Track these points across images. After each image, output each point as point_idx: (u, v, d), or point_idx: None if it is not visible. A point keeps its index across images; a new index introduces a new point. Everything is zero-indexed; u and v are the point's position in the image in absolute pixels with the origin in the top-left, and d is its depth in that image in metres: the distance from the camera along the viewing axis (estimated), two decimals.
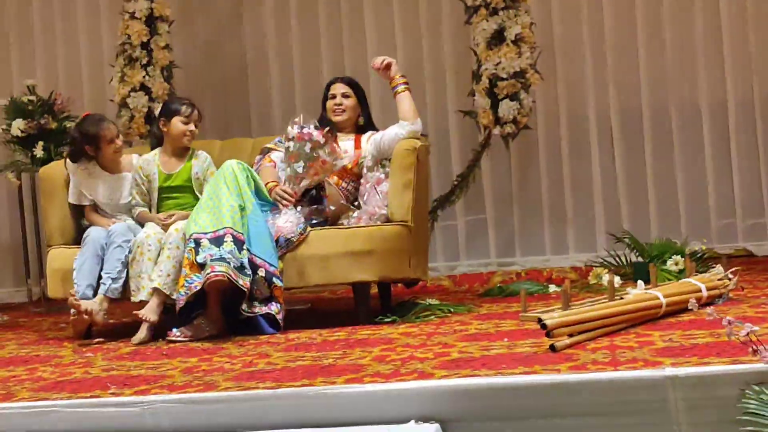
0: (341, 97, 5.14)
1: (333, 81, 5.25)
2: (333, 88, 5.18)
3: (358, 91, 5.20)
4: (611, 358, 3.28)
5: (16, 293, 6.98)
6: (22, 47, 7.00)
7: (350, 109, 5.15)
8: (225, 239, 4.46)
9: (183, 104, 5.01)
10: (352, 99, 5.16)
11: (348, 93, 5.16)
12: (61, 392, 3.45)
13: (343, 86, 5.18)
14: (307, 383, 3.27)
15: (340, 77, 5.32)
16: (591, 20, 6.47)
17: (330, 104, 5.16)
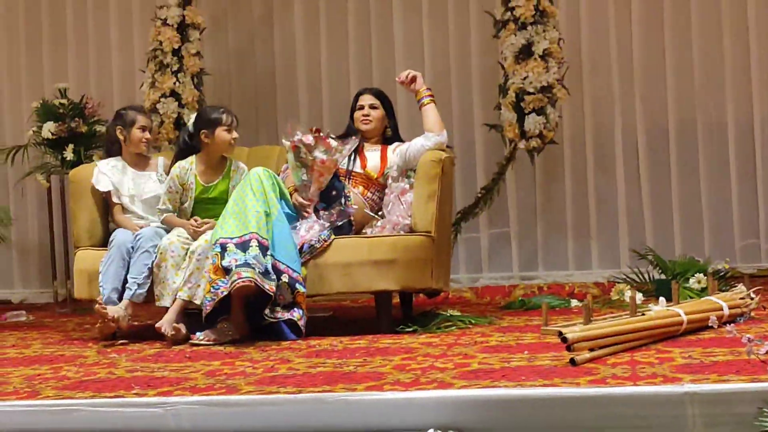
0: (369, 107, 5.21)
1: (361, 92, 5.32)
2: (361, 99, 5.25)
3: (386, 103, 5.27)
4: (631, 373, 3.29)
5: (41, 294, 7.07)
6: (54, 51, 7.09)
7: (377, 120, 5.21)
8: (251, 244, 4.50)
9: (222, 113, 5.00)
10: (379, 110, 5.22)
11: (375, 104, 5.23)
12: (85, 391, 3.49)
13: (371, 97, 5.25)
14: (327, 389, 3.30)
15: (369, 88, 5.39)
16: (619, 36, 6.48)
17: (358, 114, 5.22)
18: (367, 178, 5.04)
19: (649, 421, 2.96)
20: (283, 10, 6.90)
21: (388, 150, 5.15)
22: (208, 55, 6.64)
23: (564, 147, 6.50)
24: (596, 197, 6.51)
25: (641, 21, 6.47)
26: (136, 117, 5.20)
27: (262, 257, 4.49)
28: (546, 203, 6.57)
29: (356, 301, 6.10)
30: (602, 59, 6.50)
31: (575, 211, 6.54)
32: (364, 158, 5.11)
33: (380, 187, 5.07)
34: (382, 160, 5.10)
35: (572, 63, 6.27)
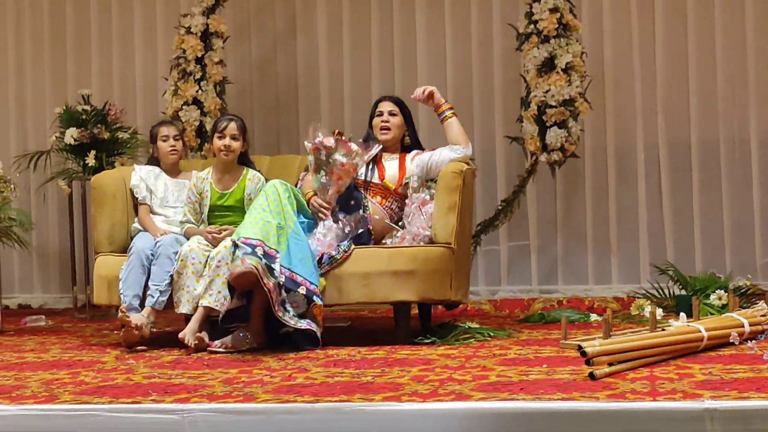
0: (388, 114, 5.19)
1: (381, 99, 5.30)
2: (380, 106, 5.23)
3: (405, 110, 5.25)
4: (650, 389, 3.27)
5: (61, 299, 7.10)
6: (78, 57, 7.13)
7: (396, 128, 5.18)
8: (256, 249, 4.48)
9: (218, 121, 5.10)
10: (398, 117, 5.20)
11: (395, 111, 5.20)
12: (103, 397, 3.50)
13: (390, 104, 5.22)
14: (345, 399, 3.29)
15: (388, 96, 5.37)
16: (642, 51, 6.46)
17: (377, 122, 5.20)
18: (385, 188, 5.03)
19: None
20: (307, 20, 6.91)
21: (407, 159, 5.14)
22: (230, 63, 6.66)
23: (585, 160, 6.48)
24: (617, 211, 6.49)
25: (664, 36, 6.45)
26: (159, 129, 5.33)
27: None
28: (566, 217, 6.55)
29: (374, 312, 6.09)
30: (625, 73, 6.48)
31: (595, 225, 6.51)
32: (382, 168, 5.10)
33: (399, 197, 5.06)
34: (400, 170, 5.09)
35: (595, 77, 6.26)
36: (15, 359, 4.58)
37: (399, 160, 5.14)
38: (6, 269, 6.73)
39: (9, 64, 7.23)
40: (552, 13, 5.99)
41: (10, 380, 3.95)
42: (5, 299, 6.33)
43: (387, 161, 5.13)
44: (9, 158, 6.60)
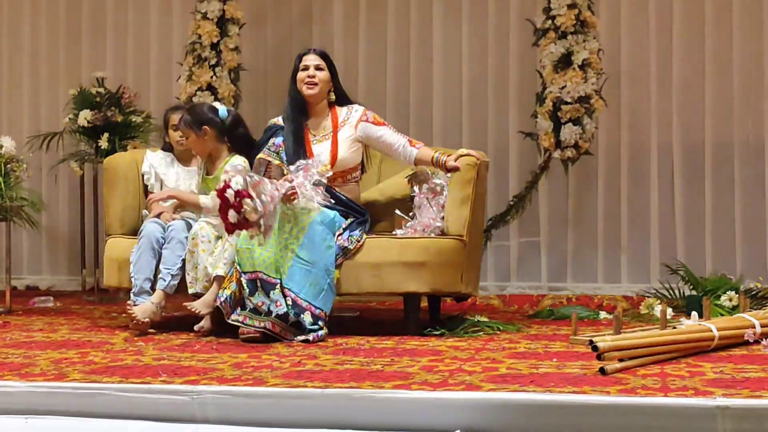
0: (314, 69, 4.90)
1: (305, 52, 4.99)
2: (305, 60, 4.93)
3: (330, 64, 4.98)
4: (661, 385, 3.26)
5: (69, 281, 7.10)
6: (94, 40, 7.13)
7: (323, 82, 4.91)
8: (257, 283, 4.47)
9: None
10: (324, 72, 4.93)
11: (321, 65, 4.93)
12: (112, 376, 3.50)
13: (316, 58, 4.94)
14: (355, 386, 3.29)
15: (313, 48, 5.05)
16: (659, 51, 6.44)
17: (302, 76, 4.91)
18: (340, 174, 4.88)
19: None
20: (323, 9, 6.90)
21: (340, 113, 4.95)
22: (245, 50, 6.65)
23: (599, 158, 6.46)
24: (629, 210, 6.46)
25: (681, 35, 6.42)
26: (170, 117, 5.28)
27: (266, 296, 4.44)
28: (578, 214, 6.53)
29: (383, 303, 6.08)
30: (641, 72, 6.46)
31: (607, 224, 6.49)
32: (312, 154, 4.84)
33: (350, 170, 4.93)
34: (333, 145, 4.88)
35: (611, 74, 6.24)
36: (24, 338, 4.58)
37: (331, 116, 4.94)
38: (15, 250, 6.72)
39: (24, 46, 7.23)
40: (570, 9, 5.97)
41: (19, 358, 3.95)
42: (13, 280, 6.33)
43: (317, 144, 4.91)
44: (22, 138, 6.59)
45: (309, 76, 4.90)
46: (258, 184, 4.37)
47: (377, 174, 5.44)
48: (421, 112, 6.70)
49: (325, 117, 4.97)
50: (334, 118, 4.97)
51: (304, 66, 4.93)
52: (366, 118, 4.97)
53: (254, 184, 4.36)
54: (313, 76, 4.90)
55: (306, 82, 4.91)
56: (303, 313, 4.45)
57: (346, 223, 4.76)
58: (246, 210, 4.31)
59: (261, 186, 4.38)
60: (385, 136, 4.93)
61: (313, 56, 4.95)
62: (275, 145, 4.90)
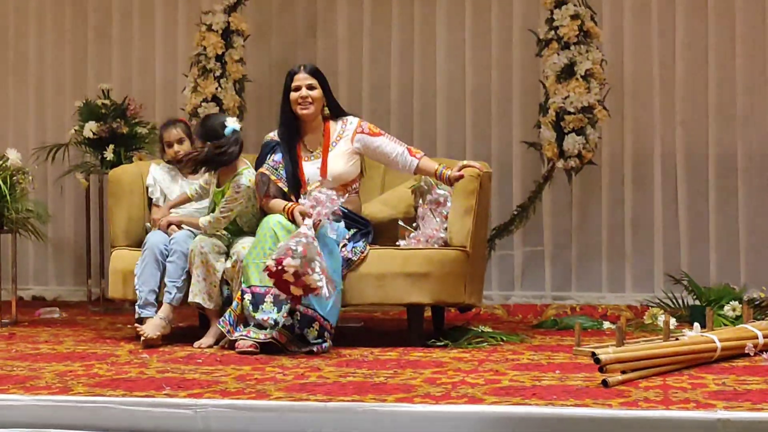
0: (306, 89, 4.89)
1: (296, 71, 4.95)
2: (296, 80, 4.91)
3: (322, 80, 4.95)
4: (663, 398, 3.27)
5: (75, 292, 7.11)
6: (99, 51, 7.15)
7: (317, 101, 4.90)
8: (266, 299, 4.50)
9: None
10: (317, 90, 4.91)
11: (313, 84, 4.90)
12: (116, 390, 3.52)
13: (307, 77, 4.91)
14: (357, 399, 3.30)
15: (303, 65, 5.00)
16: (662, 60, 6.44)
17: (294, 96, 4.90)
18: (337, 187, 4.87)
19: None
20: (327, 20, 6.92)
21: (333, 129, 4.96)
22: (250, 62, 6.66)
23: (602, 168, 6.46)
24: (632, 220, 6.47)
25: (684, 45, 6.43)
26: (163, 134, 5.28)
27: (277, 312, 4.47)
28: (581, 224, 6.53)
29: (387, 313, 6.10)
30: (644, 82, 6.47)
31: (610, 233, 6.49)
32: (303, 175, 4.86)
33: (349, 183, 4.94)
34: (323, 165, 4.88)
35: (614, 84, 6.25)
36: (29, 350, 4.60)
37: (322, 150, 4.92)
38: (21, 261, 6.74)
39: (30, 57, 7.25)
40: (573, 19, 5.99)
41: (24, 370, 3.97)
42: (19, 291, 6.35)
43: (308, 162, 4.92)
44: (27, 150, 6.61)
45: (302, 98, 4.89)
46: (306, 249, 4.32)
47: (380, 185, 5.46)
48: (425, 123, 6.72)
49: (319, 133, 4.98)
50: (326, 134, 4.97)
51: (295, 86, 4.91)
52: (362, 130, 4.98)
53: (303, 251, 4.30)
54: (306, 96, 4.89)
55: (300, 103, 4.90)
56: (310, 325, 4.46)
57: (349, 234, 4.77)
58: (310, 284, 4.32)
59: (309, 250, 4.33)
60: (383, 146, 4.95)
61: (304, 75, 4.92)
62: (274, 161, 4.91)
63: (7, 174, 5.59)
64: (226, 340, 4.62)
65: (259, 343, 4.43)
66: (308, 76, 4.93)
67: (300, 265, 4.26)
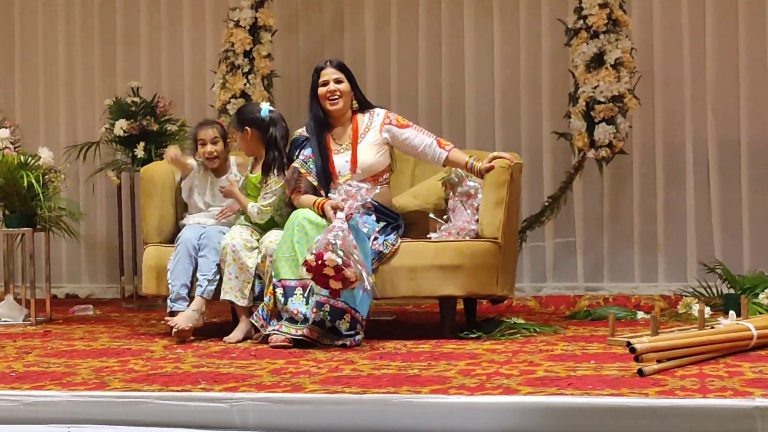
0: (334, 83, 4.90)
1: (322, 66, 4.97)
2: (323, 75, 4.92)
3: (349, 74, 4.97)
4: (700, 386, 3.25)
5: (107, 289, 7.16)
6: (128, 50, 7.19)
7: (345, 95, 4.92)
8: (295, 291, 4.51)
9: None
10: (345, 84, 4.93)
11: (340, 78, 4.92)
12: (153, 384, 3.53)
13: (334, 71, 4.92)
14: (392, 391, 3.30)
15: (329, 60, 5.02)
16: (692, 48, 6.40)
17: (323, 92, 4.91)
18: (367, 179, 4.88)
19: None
20: (354, 15, 6.92)
21: (361, 121, 4.96)
22: (278, 57, 6.68)
23: (633, 157, 6.43)
24: (664, 209, 6.43)
25: (715, 32, 6.38)
26: (197, 132, 5.25)
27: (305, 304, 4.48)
28: (613, 213, 6.50)
29: (419, 306, 6.09)
30: (674, 69, 6.42)
31: (643, 223, 6.46)
32: (333, 168, 4.87)
33: (379, 174, 4.94)
34: (353, 156, 4.89)
35: (644, 73, 6.21)
36: (65, 347, 4.63)
37: (351, 142, 4.93)
38: (54, 259, 6.79)
39: (59, 56, 7.31)
40: (602, 8, 5.95)
41: (60, 367, 4.00)
42: (53, 289, 6.40)
43: (338, 154, 4.92)
44: (59, 149, 6.67)
45: (330, 92, 4.91)
46: (344, 241, 4.34)
47: (411, 178, 5.46)
48: (454, 115, 6.71)
49: (348, 126, 4.99)
50: (354, 127, 4.98)
51: (323, 81, 4.93)
52: (389, 121, 4.98)
53: (342, 245, 4.32)
54: (334, 91, 4.91)
55: (329, 98, 4.92)
56: (341, 318, 4.47)
57: (379, 227, 4.77)
58: (350, 278, 4.33)
59: (347, 243, 4.34)
60: (411, 137, 4.95)
61: (331, 69, 4.94)
62: (304, 156, 4.92)
63: (39, 173, 5.63)
64: (260, 334, 4.64)
65: (291, 337, 4.44)
66: (335, 71, 4.93)
67: (342, 257, 4.27)
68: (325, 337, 4.46)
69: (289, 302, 4.51)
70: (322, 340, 4.45)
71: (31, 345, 4.72)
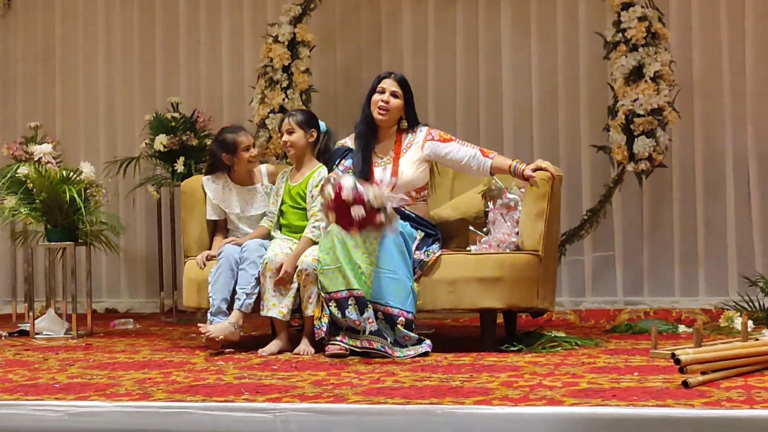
0: (390, 95, 4.94)
1: (385, 75, 5.03)
2: (383, 83, 4.96)
3: (407, 92, 5.00)
4: (746, 397, 3.22)
5: (147, 304, 7.20)
6: (167, 65, 7.25)
7: (395, 110, 4.95)
8: (348, 302, 4.50)
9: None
10: (399, 100, 4.96)
11: (398, 92, 4.95)
12: (196, 395, 3.55)
13: (393, 84, 4.96)
14: (435, 402, 3.30)
15: (393, 72, 5.06)
16: (731, 60, 6.36)
17: (375, 99, 4.95)
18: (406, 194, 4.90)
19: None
20: (392, 29, 6.94)
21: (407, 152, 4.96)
22: (316, 72, 6.71)
23: (673, 170, 6.40)
24: (705, 222, 6.39)
25: (754, 44, 6.34)
26: (238, 139, 5.22)
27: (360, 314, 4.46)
28: (653, 227, 6.46)
29: (457, 320, 6.08)
30: (714, 82, 6.39)
31: (683, 236, 6.42)
32: (374, 179, 4.82)
33: (422, 187, 4.96)
34: (394, 171, 4.90)
35: (683, 86, 6.19)
36: (107, 359, 4.66)
37: (393, 157, 4.96)
38: (94, 273, 6.84)
39: (99, 73, 7.38)
40: (641, 21, 5.94)
41: (104, 378, 4.02)
42: (93, 303, 6.44)
43: (379, 167, 4.94)
44: (99, 164, 6.73)
45: (383, 101, 4.94)
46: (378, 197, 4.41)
47: (450, 190, 5.46)
48: (492, 129, 6.70)
49: (392, 141, 5.01)
50: (398, 143, 5.00)
51: (380, 89, 4.97)
52: (431, 137, 4.99)
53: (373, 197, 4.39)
54: (386, 101, 4.94)
55: (378, 107, 4.95)
56: (395, 323, 4.49)
57: (419, 236, 4.78)
58: (370, 198, 4.34)
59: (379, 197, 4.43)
60: (453, 151, 4.95)
61: (391, 81, 4.98)
62: (345, 166, 4.95)
63: (81, 187, 5.67)
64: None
65: (350, 348, 4.47)
66: (395, 84, 4.97)
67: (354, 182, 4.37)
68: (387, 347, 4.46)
69: (347, 314, 4.51)
70: (385, 351, 4.44)
71: (73, 357, 4.76)
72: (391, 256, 4.57)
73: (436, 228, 4.93)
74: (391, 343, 4.48)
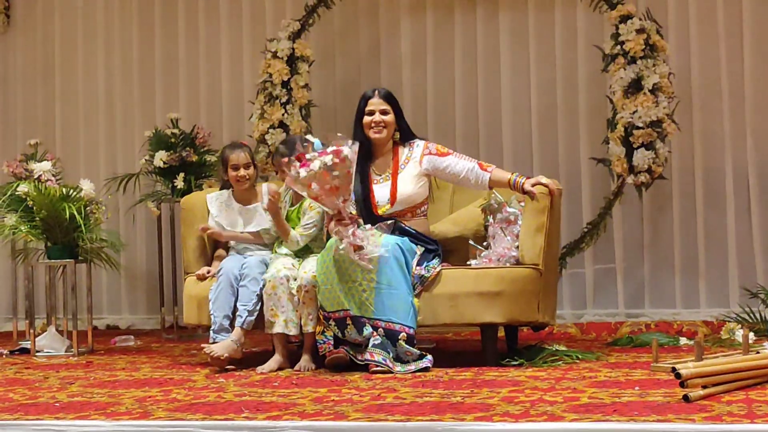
0: (380, 114, 4.97)
1: (369, 95, 5.03)
2: (370, 104, 4.99)
3: (395, 105, 5.04)
4: (747, 411, 3.21)
5: (147, 320, 7.19)
6: (166, 81, 7.26)
7: (390, 126, 4.99)
8: (347, 322, 4.56)
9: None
10: (390, 115, 4.99)
11: (386, 109, 4.99)
12: (196, 413, 3.54)
13: (380, 102, 4.99)
14: (436, 418, 3.29)
15: (377, 90, 5.07)
16: (730, 72, 6.37)
17: (368, 121, 4.98)
18: (407, 210, 4.95)
19: None
20: (390, 43, 6.95)
21: (401, 153, 5.02)
22: (315, 87, 6.71)
23: (673, 182, 6.39)
24: (705, 234, 6.38)
25: (752, 56, 6.35)
26: (228, 156, 5.23)
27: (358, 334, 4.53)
28: (653, 239, 6.46)
29: (458, 334, 6.07)
30: (713, 94, 6.39)
31: (683, 248, 6.41)
32: (374, 198, 4.91)
33: (418, 205, 4.97)
34: (393, 186, 4.94)
35: (682, 98, 6.19)
36: (107, 377, 4.65)
37: (391, 173, 4.99)
38: (95, 290, 6.84)
39: (99, 89, 7.39)
40: (639, 33, 5.95)
41: (104, 397, 4.01)
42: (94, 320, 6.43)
43: (378, 184, 4.98)
44: (99, 181, 6.73)
45: (375, 122, 4.97)
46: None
47: (450, 205, 5.46)
48: (491, 142, 6.70)
49: (389, 157, 5.03)
50: (395, 159, 5.02)
51: (369, 111, 4.98)
52: (429, 151, 5.01)
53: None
54: (379, 121, 4.97)
55: (373, 128, 4.97)
56: (397, 339, 4.50)
57: (419, 251, 4.78)
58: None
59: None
60: (452, 165, 4.97)
61: (378, 100, 4.99)
62: None
63: (81, 204, 5.67)
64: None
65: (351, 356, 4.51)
66: (382, 101, 4.99)
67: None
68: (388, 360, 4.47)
69: (346, 333, 4.56)
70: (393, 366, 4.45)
71: (74, 375, 4.75)
72: (391, 272, 4.58)
73: (436, 243, 4.93)
74: (393, 358, 4.48)
